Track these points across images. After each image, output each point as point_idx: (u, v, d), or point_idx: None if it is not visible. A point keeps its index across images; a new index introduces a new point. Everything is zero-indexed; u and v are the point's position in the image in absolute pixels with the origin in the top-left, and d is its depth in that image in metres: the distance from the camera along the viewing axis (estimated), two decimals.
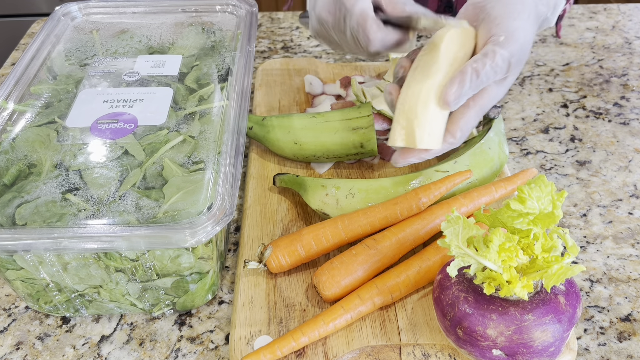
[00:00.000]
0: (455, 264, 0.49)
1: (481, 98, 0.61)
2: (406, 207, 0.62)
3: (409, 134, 0.60)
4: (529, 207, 0.48)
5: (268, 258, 0.60)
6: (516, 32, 0.59)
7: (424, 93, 0.59)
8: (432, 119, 0.60)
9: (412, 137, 0.60)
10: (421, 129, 0.59)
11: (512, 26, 0.59)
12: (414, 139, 0.60)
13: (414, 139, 0.60)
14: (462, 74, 0.58)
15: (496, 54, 0.58)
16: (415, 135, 0.59)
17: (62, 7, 0.78)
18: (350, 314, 0.55)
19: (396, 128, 0.61)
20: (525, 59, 0.61)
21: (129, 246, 0.50)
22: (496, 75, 0.59)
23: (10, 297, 0.63)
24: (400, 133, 0.60)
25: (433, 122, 0.60)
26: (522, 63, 0.61)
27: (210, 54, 0.72)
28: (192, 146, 0.59)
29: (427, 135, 0.60)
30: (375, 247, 0.59)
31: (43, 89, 0.66)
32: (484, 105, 0.61)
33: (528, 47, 0.61)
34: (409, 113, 0.60)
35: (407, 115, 0.60)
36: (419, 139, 0.59)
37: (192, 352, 0.58)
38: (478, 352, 0.50)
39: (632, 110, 0.88)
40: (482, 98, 0.61)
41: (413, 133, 0.60)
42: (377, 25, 0.63)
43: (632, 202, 0.73)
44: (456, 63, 0.61)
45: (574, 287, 0.51)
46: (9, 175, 0.56)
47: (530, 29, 0.61)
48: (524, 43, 0.60)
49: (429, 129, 0.60)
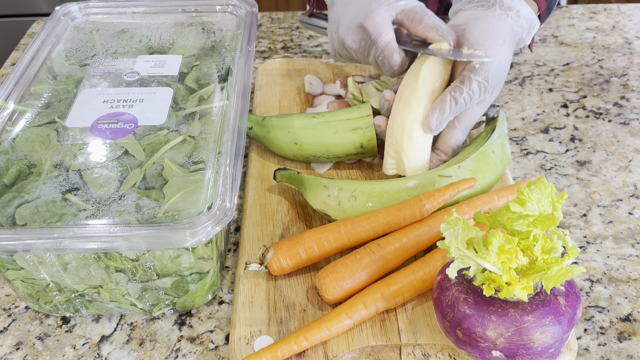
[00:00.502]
0: (454, 265, 0.49)
1: (464, 118, 0.68)
2: (410, 213, 0.62)
3: (398, 164, 0.69)
4: (529, 209, 0.48)
5: (269, 260, 0.60)
6: (493, 55, 0.66)
7: (407, 126, 0.67)
8: (417, 148, 0.68)
9: (402, 166, 0.68)
10: (408, 159, 0.67)
11: (485, 53, 0.66)
12: (403, 168, 0.68)
13: (403, 168, 0.68)
14: (442, 102, 0.65)
15: (472, 81, 0.65)
16: (404, 165, 0.68)
17: (62, 7, 0.78)
18: (352, 320, 0.55)
19: (387, 159, 0.69)
20: (503, 80, 0.69)
21: (129, 246, 0.50)
22: (473, 99, 0.66)
23: (10, 297, 0.63)
24: (392, 163, 0.69)
25: (418, 151, 0.68)
26: (499, 85, 0.68)
27: (210, 54, 0.72)
28: (192, 146, 0.59)
29: (414, 164, 0.68)
30: (379, 252, 0.59)
31: (43, 89, 0.66)
32: (468, 124, 0.69)
33: (504, 71, 0.68)
34: (396, 146, 0.67)
35: (395, 147, 0.68)
36: (407, 168, 0.68)
37: (192, 352, 0.58)
38: (478, 353, 0.50)
39: (632, 110, 0.88)
40: (465, 117, 0.68)
41: (402, 163, 0.68)
42: (399, 56, 0.69)
43: (632, 202, 0.73)
44: (435, 93, 0.68)
45: (574, 288, 0.51)
46: (9, 175, 0.56)
47: (505, 54, 0.67)
48: (499, 68, 0.66)
49: (416, 158, 0.68)
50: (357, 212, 0.64)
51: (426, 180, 0.66)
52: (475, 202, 0.64)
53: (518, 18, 0.69)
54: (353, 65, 0.92)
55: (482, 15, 0.69)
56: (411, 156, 0.67)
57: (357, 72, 0.91)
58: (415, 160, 0.68)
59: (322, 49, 1.04)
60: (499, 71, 0.66)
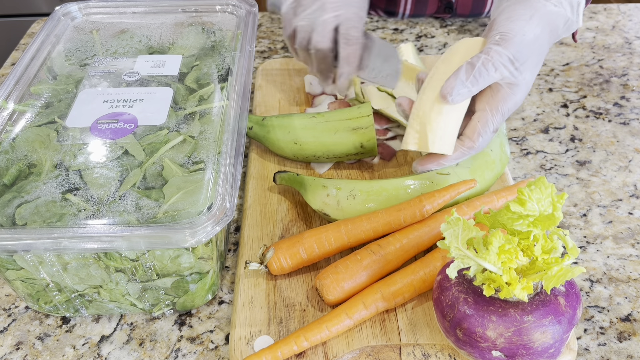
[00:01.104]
0: (454, 265, 0.49)
1: (494, 100, 0.62)
2: (410, 213, 0.62)
3: (421, 138, 0.62)
4: (529, 209, 0.48)
5: (269, 260, 0.60)
6: (511, 32, 0.61)
7: (438, 99, 0.61)
8: (445, 124, 0.62)
9: (425, 141, 0.62)
10: (433, 133, 0.61)
11: (508, 27, 0.61)
12: (426, 142, 0.62)
13: (426, 143, 0.62)
14: (457, 69, 0.60)
15: (491, 50, 0.60)
16: (428, 140, 0.61)
17: (62, 7, 0.78)
18: (352, 321, 0.55)
19: (410, 132, 0.63)
20: (534, 60, 0.62)
21: (129, 246, 0.50)
22: (496, 70, 0.60)
23: (10, 297, 0.63)
24: (414, 137, 0.62)
25: (445, 127, 0.62)
26: (530, 65, 0.62)
27: (210, 54, 0.72)
28: (192, 146, 0.59)
29: (439, 139, 0.62)
30: (379, 252, 0.59)
31: (43, 89, 0.66)
32: (501, 109, 0.63)
33: (532, 47, 0.62)
34: (422, 118, 0.61)
35: (420, 119, 0.62)
36: (430, 142, 0.61)
37: (192, 352, 0.58)
38: (478, 353, 0.50)
39: (632, 110, 0.88)
40: (495, 100, 0.62)
41: (425, 137, 0.61)
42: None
43: (632, 202, 0.73)
44: None
45: (574, 288, 0.51)
46: (9, 175, 0.56)
47: (531, 29, 0.62)
48: (523, 42, 0.61)
49: (441, 133, 0.62)
50: (356, 211, 0.65)
51: (424, 178, 0.66)
52: (474, 202, 0.64)
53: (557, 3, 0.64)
54: None
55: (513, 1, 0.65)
56: (437, 129, 0.62)
57: None
58: (440, 133, 0.62)
59: None
60: (524, 45, 0.61)
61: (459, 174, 0.67)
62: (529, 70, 0.62)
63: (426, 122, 0.62)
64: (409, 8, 1.07)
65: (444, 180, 0.66)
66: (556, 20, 0.65)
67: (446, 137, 0.62)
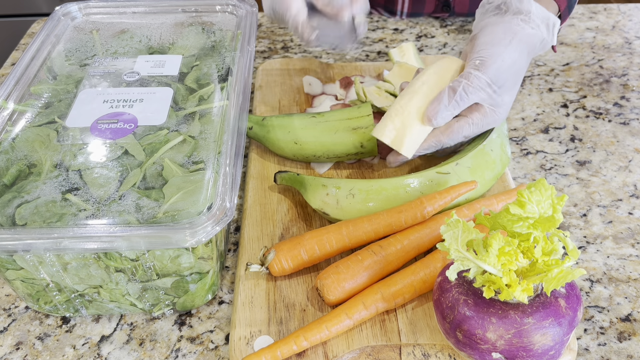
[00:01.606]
0: (454, 267, 0.49)
1: (478, 113, 0.67)
2: (411, 215, 0.62)
3: (398, 137, 0.67)
4: (529, 211, 0.48)
5: (271, 262, 0.60)
6: (492, 57, 0.66)
7: (422, 109, 0.66)
8: (420, 135, 0.67)
9: (401, 142, 0.66)
10: (409, 138, 0.66)
11: (488, 52, 0.66)
12: (401, 144, 0.66)
13: (400, 144, 0.66)
14: (440, 93, 0.65)
15: (470, 75, 0.65)
16: (404, 142, 0.66)
17: (62, 7, 0.78)
18: (352, 321, 0.55)
19: (388, 125, 0.67)
20: (512, 82, 0.68)
21: (129, 246, 0.50)
22: (476, 93, 0.65)
23: (10, 297, 0.63)
24: (391, 131, 0.67)
25: (419, 137, 0.67)
26: (508, 86, 0.67)
27: (210, 54, 0.72)
28: (192, 146, 0.59)
29: (411, 144, 0.67)
30: (380, 253, 0.59)
31: (43, 89, 0.66)
32: (479, 123, 0.67)
33: (510, 72, 0.67)
34: (406, 120, 0.66)
35: (403, 121, 0.66)
36: (405, 146, 0.66)
37: (192, 352, 0.58)
38: (478, 355, 0.50)
39: (632, 110, 0.88)
40: (479, 113, 0.67)
41: (402, 138, 0.66)
42: (310, 27, 0.72)
43: (632, 202, 0.73)
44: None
45: (574, 289, 0.51)
46: (9, 175, 0.56)
47: (510, 54, 0.66)
48: (501, 68, 0.66)
49: (415, 140, 0.67)
50: (356, 210, 0.65)
51: (424, 177, 0.66)
52: (474, 205, 0.65)
53: (529, 20, 0.69)
54: (353, 65, 0.92)
55: (493, 21, 0.69)
56: (414, 136, 0.66)
57: (356, 72, 0.91)
58: (414, 141, 0.67)
59: (322, 49, 1.04)
60: (502, 70, 0.66)
61: (459, 173, 0.67)
62: (506, 92, 0.67)
63: (407, 125, 0.66)
64: (407, 6, 1.08)
65: (444, 179, 0.66)
66: (533, 41, 0.69)
67: (416, 144, 0.67)
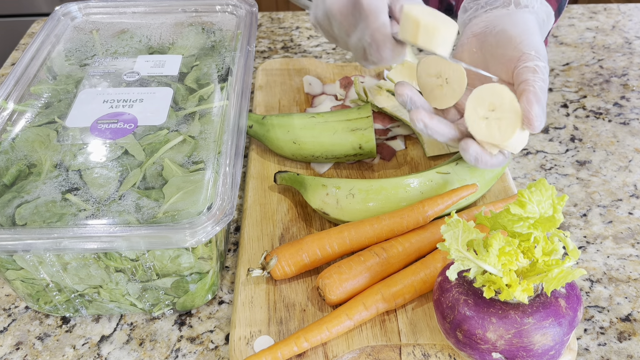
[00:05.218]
0: (454, 267, 0.49)
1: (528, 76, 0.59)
2: (413, 218, 0.62)
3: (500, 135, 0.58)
4: (529, 211, 0.48)
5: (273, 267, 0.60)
6: (540, 45, 0.60)
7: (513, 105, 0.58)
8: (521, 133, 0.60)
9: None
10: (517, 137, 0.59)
11: (535, 41, 0.60)
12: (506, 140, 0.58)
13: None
14: (533, 94, 0.56)
15: (539, 68, 0.58)
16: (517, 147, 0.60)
17: (62, 7, 0.78)
18: (353, 322, 0.55)
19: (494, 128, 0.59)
20: None
21: (129, 246, 0.50)
22: (546, 84, 0.58)
23: (10, 297, 0.63)
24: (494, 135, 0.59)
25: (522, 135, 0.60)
26: None
27: (210, 54, 0.72)
28: (192, 146, 0.59)
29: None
30: (382, 255, 0.59)
31: (43, 89, 0.66)
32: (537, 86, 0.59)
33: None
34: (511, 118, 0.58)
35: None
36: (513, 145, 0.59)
37: (192, 352, 0.58)
38: (478, 355, 0.50)
39: (632, 110, 0.88)
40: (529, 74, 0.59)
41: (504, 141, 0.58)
42: (392, 45, 0.59)
43: (632, 202, 0.73)
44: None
45: (575, 290, 0.51)
46: (9, 175, 0.56)
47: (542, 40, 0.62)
48: (546, 54, 0.61)
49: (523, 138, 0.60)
50: (355, 210, 0.65)
51: (424, 177, 0.66)
52: (474, 211, 0.65)
53: (535, 13, 0.64)
54: (353, 65, 0.92)
55: (503, 13, 0.63)
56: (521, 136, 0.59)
57: (356, 72, 0.91)
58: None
59: (322, 49, 1.04)
60: (547, 58, 0.61)
61: (459, 172, 0.67)
62: None
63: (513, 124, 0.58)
64: None
65: (444, 179, 0.66)
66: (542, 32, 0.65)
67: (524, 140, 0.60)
